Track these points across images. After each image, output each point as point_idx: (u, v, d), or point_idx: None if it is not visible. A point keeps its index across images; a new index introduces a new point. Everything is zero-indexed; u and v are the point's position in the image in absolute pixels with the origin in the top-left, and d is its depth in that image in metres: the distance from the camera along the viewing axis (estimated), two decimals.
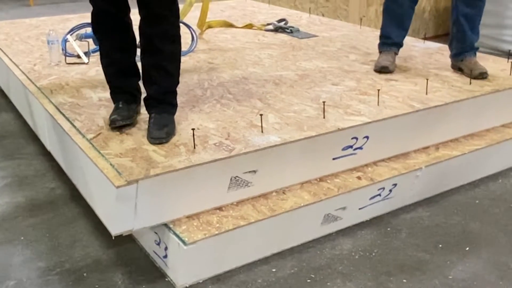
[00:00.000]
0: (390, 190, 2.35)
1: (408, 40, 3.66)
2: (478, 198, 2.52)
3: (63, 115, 2.44)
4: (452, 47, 3.00)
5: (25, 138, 3.17)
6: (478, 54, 3.00)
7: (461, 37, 2.93)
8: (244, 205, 2.09)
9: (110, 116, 2.27)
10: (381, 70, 2.98)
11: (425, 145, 2.55)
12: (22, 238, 2.23)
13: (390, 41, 3.08)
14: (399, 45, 3.11)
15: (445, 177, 2.53)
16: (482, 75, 2.83)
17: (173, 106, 2.29)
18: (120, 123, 2.23)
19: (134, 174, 1.89)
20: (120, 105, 2.31)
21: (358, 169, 2.36)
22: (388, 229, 2.28)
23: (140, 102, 2.42)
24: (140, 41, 2.24)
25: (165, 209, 1.96)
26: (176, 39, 2.22)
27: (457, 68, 2.98)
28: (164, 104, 2.24)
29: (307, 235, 2.18)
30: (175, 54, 2.25)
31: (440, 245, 2.16)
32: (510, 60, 3.06)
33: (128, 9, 2.26)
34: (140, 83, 2.38)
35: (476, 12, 2.90)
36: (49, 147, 2.76)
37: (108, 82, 2.39)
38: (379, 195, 2.32)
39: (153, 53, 2.19)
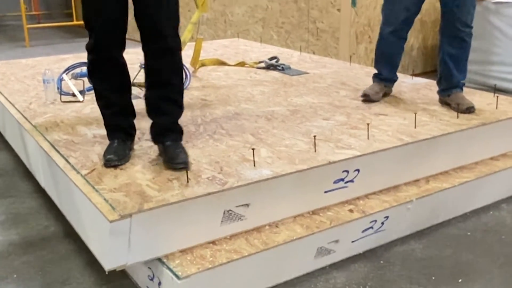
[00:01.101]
0: (382, 223, 2.37)
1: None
2: (470, 230, 2.54)
3: (58, 152, 2.47)
4: (440, 84, 3.09)
5: (19, 176, 3.18)
6: (465, 89, 3.08)
7: (447, 75, 3.03)
8: (237, 239, 2.10)
9: (106, 155, 2.29)
10: (363, 97, 3.14)
11: (415, 177, 2.59)
12: (15, 276, 2.22)
13: (381, 76, 3.23)
14: (391, 80, 3.24)
15: (436, 209, 2.56)
16: (469, 110, 2.90)
17: (182, 133, 2.40)
18: (116, 163, 2.26)
19: (127, 208, 1.91)
20: (116, 144, 2.34)
21: (350, 202, 2.38)
22: (381, 261, 2.29)
23: (134, 140, 2.46)
24: (146, 75, 2.30)
25: (159, 244, 1.97)
26: (182, 71, 2.35)
27: (444, 102, 3.05)
28: (176, 132, 2.36)
29: (301, 268, 2.18)
30: (182, 85, 2.36)
31: (433, 278, 2.17)
32: (496, 95, 3.13)
33: (124, 48, 2.31)
34: (136, 120, 2.43)
35: (461, 52, 2.99)
36: (43, 184, 2.77)
37: (105, 121, 2.43)
38: (372, 227, 2.34)
39: (162, 85, 2.28)
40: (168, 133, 2.32)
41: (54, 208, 2.65)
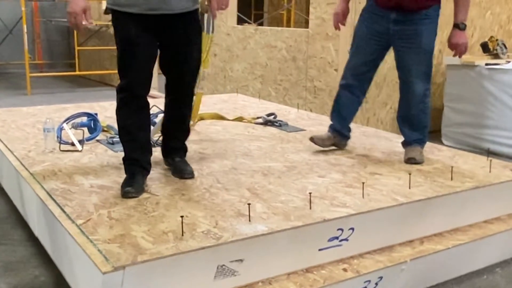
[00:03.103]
0: (376, 283, 2.35)
1: (391, 136, 3.83)
2: None
3: (54, 200, 2.47)
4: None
5: (12, 224, 3.16)
6: (459, 151, 3.15)
7: (402, 133, 3.25)
8: None
9: (124, 187, 2.51)
10: (310, 139, 3.32)
11: (409, 238, 2.59)
12: None
13: (332, 126, 3.36)
14: (340, 134, 3.35)
15: (431, 271, 2.54)
16: (410, 160, 3.09)
17: (186, 151, 2.97)
18: (134, 195, 2.49)
19: (121, 260, 1.90)
20: (135, 177, 2.58)
21: (344, 261, 2.37)
22: None
23: (148, 174, 2.71)
24: (167, 110, 2.86)
25: None
26: (192, 103, 2.98)
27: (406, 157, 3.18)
28: (183, 151, 2.94)
29: None
30: (190, 115, 2.99)
31: None
32: (489, 158, 3.18)
33: (149, 90, 2.65)
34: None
35: (414, 117, 3.17)
36: (37, 232, 2.75)
37: (125, 155, 2.68)
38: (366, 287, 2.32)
39: (180, 120, 2.87)
40: (178, 151, 2.90)
41: (46, 257, 2.62)
